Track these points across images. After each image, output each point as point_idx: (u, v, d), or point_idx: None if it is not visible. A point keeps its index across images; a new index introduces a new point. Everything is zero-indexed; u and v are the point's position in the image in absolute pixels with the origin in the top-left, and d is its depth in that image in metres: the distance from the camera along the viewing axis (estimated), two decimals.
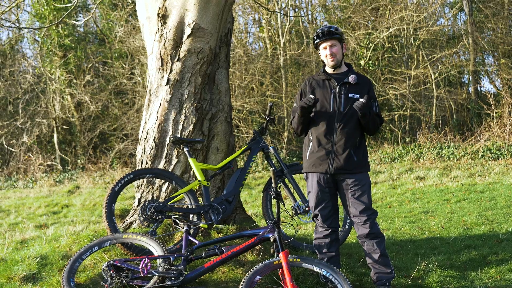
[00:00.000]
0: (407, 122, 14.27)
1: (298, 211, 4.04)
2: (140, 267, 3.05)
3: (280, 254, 3.04)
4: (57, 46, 15.59)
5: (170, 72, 4.24)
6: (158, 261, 3.20)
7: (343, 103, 3.52)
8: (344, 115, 3.50)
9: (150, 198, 4.15)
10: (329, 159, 3.49)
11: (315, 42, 3.60)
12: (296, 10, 16.21)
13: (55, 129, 15.75)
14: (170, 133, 4.19)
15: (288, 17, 14.35)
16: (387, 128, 14.30)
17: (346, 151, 3.48)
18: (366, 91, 3.55)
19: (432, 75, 14.22)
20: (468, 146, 11.87)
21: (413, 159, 11.73)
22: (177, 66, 4.23)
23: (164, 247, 3.25)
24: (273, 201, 4.09)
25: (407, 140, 13.53)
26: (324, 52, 3.59)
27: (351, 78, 3.55)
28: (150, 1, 4.45)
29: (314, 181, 3.56)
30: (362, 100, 3.40)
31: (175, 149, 4.16)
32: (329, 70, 3.65)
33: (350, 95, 3.53)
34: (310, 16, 16.24)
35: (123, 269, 3.11)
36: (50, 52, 15.82)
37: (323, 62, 3.65)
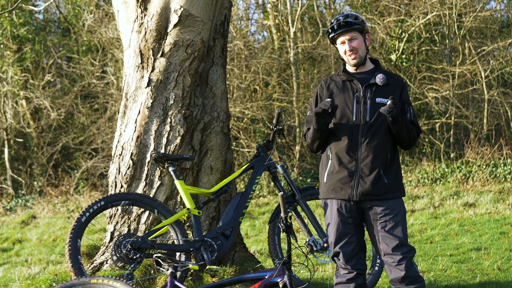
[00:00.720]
0: (451, 132, 14.27)
1: (314, 248, 4.04)
2: None
3: None
4: (10, 38, 15.75)
5: (152, 71, 4.28)
6: None
7: (369, 110, 3.52)
8: (371, 126, 3.50)
9: (126, 231, 4.15)
10: (352, 182, 3.49)
11: (330, 36, 3.60)
12: None
13: (6, 142, 15.83)
14: (151, 148, 4.20)
15: (300, 0, 14.49)
16: (426, 140, 14.30)
17: (374, 172, 3.47)
18: (398, 94, 3.55)
19: (482, 73, 14.27)
20: None
21: (460, 180, 11.69)
22: (161, 63, 4.27)
23: None
24: (282, 235, 4.09)
25: (452, 155, 13.52)
26: (343, 47, 3.59)
27: (379, 79, 3.56)
28: None
29: (334, 209, 3.55)
30: (388, 101, 3.37)
31: (157, 168, 4.17)
32: (350, 69, 3.66)
33: (378, 100, 3.52)
34: None
35: None
36: (1, 46, 15.99)
37: (343, 59, 3.68)
